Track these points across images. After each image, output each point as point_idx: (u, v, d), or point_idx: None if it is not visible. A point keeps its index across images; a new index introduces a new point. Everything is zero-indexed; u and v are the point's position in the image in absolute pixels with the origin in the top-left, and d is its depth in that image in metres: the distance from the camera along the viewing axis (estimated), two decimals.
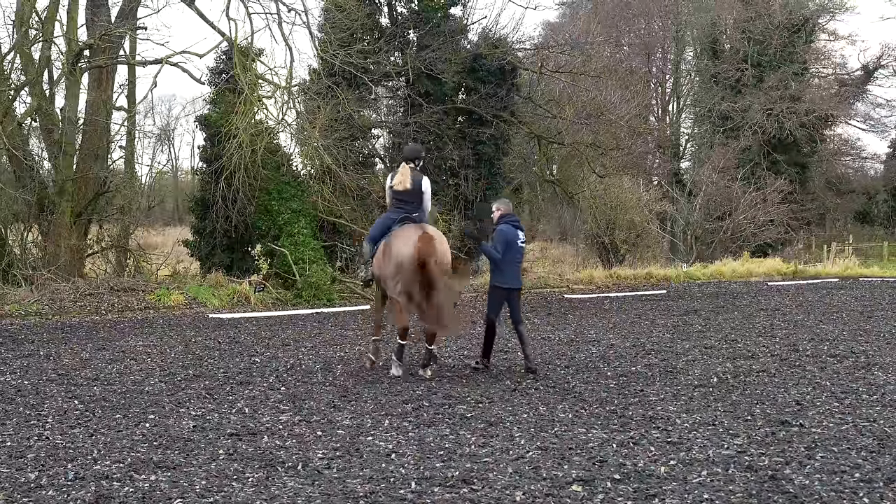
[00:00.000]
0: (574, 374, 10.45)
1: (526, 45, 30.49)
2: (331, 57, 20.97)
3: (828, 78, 49.92)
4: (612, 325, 15.79)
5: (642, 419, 7.92)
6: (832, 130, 47.55)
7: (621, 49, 45.80)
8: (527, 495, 5.72)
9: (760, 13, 42.40)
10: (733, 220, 35.50)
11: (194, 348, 12.76)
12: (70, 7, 20.36)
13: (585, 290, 24.90)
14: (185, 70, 20.64)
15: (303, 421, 7.89)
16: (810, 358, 11.65)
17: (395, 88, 27.80)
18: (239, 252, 21.22)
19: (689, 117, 49.47)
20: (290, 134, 22.45)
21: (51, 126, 20.38)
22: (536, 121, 29.24)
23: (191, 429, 7.60)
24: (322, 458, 6.64)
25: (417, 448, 6.92)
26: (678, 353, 12.17)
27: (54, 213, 19.67)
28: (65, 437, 7.31)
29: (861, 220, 51.61)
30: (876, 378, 10.08)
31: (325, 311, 18.22)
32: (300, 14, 21.75)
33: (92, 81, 21.25)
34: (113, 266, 22.10)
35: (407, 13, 26.42)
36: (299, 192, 21.09)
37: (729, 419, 7.91)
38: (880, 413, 8.17)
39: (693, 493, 5.73)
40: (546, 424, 7.72)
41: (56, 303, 17.46)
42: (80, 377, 10.26)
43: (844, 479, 6.07)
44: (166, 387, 9.65)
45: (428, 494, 5.75)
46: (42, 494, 5.77)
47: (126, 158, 23.99)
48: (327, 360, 11.65)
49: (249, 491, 5.83)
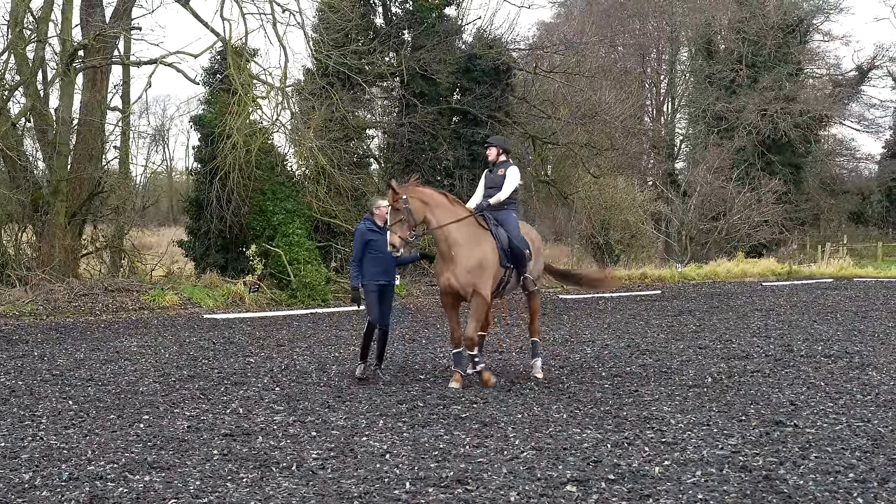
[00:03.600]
0: (569, 374, 10.46)
1: (520, 46, 30.52)
2: (324, 57, 20.97)
3: (822, 78, 50.01)
4: (606, 325, 15.81)
5: (637, 419, 7.92)
6: (826, 131, 47.61)
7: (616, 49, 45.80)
8: (521, 495, 5.72)
9: (755, 14, 42.44)
10: (728, 220, 35.53)
11: (189, 349, 12.74)
12: (64, 7, 20.33)
13: (580, 290, 24.90)
14: (179, 70, 20.66)
15: (297, 421, 7.89)
16: (804, 358, 11.67)
17: (390, 89, 27.81)
18: (233, 252, 21.20)
19: (684, 118, 49.52)
20: (284, 134, 22.45)
21: (45, 126, 20.35)
22: (531, 121, 29.26)
23: (185, 429, 7.59)
24: (316, 458, 6.64)
25: (412, 448, 6.92)
26: (673, 353, 12.18)
27: (49, 214, 19.63)
28: (59, 438, 7.30)
29: (855, 221, 51.68)
30: (870, 378, 10.10)
31: (319, 312, 18.21)
32: (294, 14, 21.84)
33: (86, 82, 21.23)
34: (107, 266, 22.07)
35: (401, 13, 26.42)
36: (294, 193, 21.08)
37: (723, 419, 7.92)
38: (874, 413, 8.18)
39: (687, 494, 5.74)
40: (540, 425, 7.72)
41: (50, 303, 17.43)
42: (75, 378, 10.24)
43: (838, 479, 6.08)
44: (161, 387, 9.64)
45: (422, 495, 5.75)
46: (36, 495, 5.76)
47: (120, 159, 23.96)
48: (322, 360, 11.64)
49: (244, 491, 5.83)
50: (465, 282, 9.43)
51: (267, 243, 20.26)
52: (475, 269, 9.41)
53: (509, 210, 9.89)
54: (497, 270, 9.58)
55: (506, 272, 9.68)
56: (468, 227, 9.55)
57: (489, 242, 9.57)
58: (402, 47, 26.09)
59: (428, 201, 9.53)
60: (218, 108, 20.83)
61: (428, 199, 9.55)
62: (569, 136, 29.46)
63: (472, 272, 9.42)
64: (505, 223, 9.72)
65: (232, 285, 19.68)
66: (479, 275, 9.41)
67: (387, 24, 26.36)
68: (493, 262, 9.52)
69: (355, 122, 23.96)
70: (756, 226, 35.95)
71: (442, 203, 9.61)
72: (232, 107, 19.60)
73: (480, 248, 9.50)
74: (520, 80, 29.13)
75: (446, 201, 9.67)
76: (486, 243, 9.55)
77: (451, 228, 9.45)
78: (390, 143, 27.15)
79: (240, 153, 19.41)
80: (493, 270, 9.51)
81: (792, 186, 40.83)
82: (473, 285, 9.42)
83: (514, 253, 9.65)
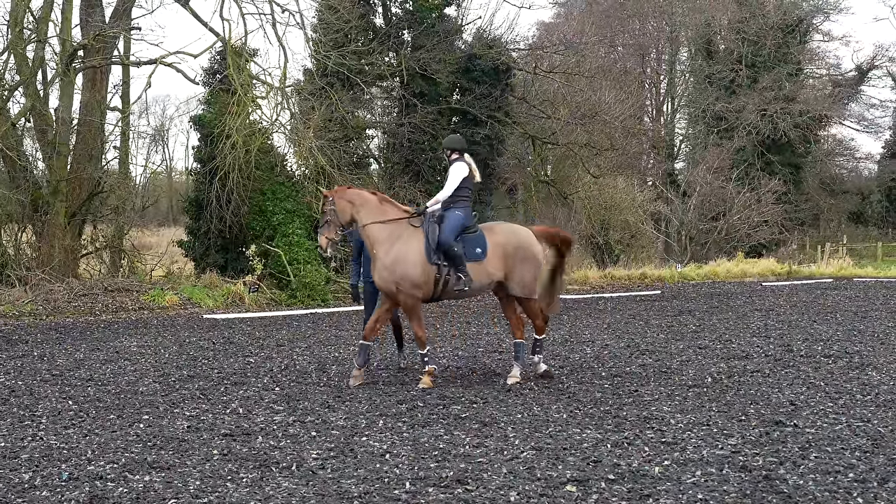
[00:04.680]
0: (568, 374, 10.45)
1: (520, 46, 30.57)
2: (323, 58, 20.98)
3: (822, 78, 50.04)
4: (606, 325, 15.81)
5: (636, 419, 7.92)
6: (826, 131, 47.65)
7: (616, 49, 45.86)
8: (521, 495, 5.72)
9: (755, 14, 42.46)
10: (727, 220, 35.54)
11: (188, 349, 12.75)
12: (64, 7, 20.34)
13: (580, 290, 24.92)
14: (179, 70, 20.68)
15: (297, 421, 7.89)
16: (804, 358, 11.67)
17: (390, 89, 27.83)
18: (233, 252, 21.20)
19: (684, 118, 49.55)
20: (284, 134, 22.46)
21: (45, 126, 20.36)
22: (531, 121, 29.29)
23: (185, 429, 7.59)
24: (316, 458, 6.64)
25: (412, 448, 6.92)
26: (672, 353, 12.18)
27: (48, 214, 19.64)
28: (59, 438, 7.30)
29: (855, 221, 51.72)
30: (870, 378, 10.10)
31: (319, 312, 18.21)
32: (294, 15, 21.81)
33: (86, 82, 21.24)
34: (107, 266, 22.09)
35: (401, 13, 26.44)
36: (293, 193, 21.08)
37: (723, 419, 7.92)
38: (874, 413, 8.18)
39: (687, 494, 5.74)
40: (540, 425, 7.72)
41: (50, 303, 17.43)
42: (75, 378, 10.25)
43: (838, 479, 6.08)
44: (160, 387, 9.64)
45: (422, 495, 5.75)
46: (36, 495, 5.76)
47: (120, 159, 23.99)
48: (322, 360, 11.64)
49: (244, 491, 5.83)
50: (384, 279, 9.54)
51: (267, 243, 20.26)
52: (392, 266, 9.47)
53: (454, 209, 9.77)
54: (426, 268, 9.51)
55: (440, 270, 9.56)
56: (394, 226, 9.63)
57: (416, 240, 9.57)
58: (401, 47, 26.10)
59: (354, 201, 9.74)
60: (218, 108, 20.84)
61: (355, 200, 9.76)
62: (568, 136, 29.50)
63: (388, 269, 9.49)
64: (443, 220, 9.68)
65: (232, 285, 19.68)
66: (397, 272, 9.47)
67: (386, 24, 26.37)
68: (414, 259, 9.50)
69: (355, 122, 23.97)
70: (756, 226, 35.96)
71: (368, 202, 9.76)
72: (231, 107, 19.60)
73: (402, 245, 9.54)
74: (519, 80, 29.16)
75: (374, 201, 9.80)
76: (412, 241, 9.57)
77: (374, 227, 9.59)
78: (390, 143, 27.16)
79: (239, 153, 19.42)
80: (416, 268, 9.49)
81: (791, 186, 40.84)
82: (395, 282, 9.50)
83: (445, 251, 9.53)
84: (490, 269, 9.69)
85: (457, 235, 9.57)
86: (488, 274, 9.69)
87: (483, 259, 9.61)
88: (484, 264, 9.64)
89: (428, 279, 9.53)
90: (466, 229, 9.68)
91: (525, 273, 9.82)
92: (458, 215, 9.70)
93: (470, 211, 9.88)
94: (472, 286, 9.61)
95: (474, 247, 9.62)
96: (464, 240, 9.61)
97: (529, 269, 9.85)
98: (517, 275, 9.78)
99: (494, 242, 9.73)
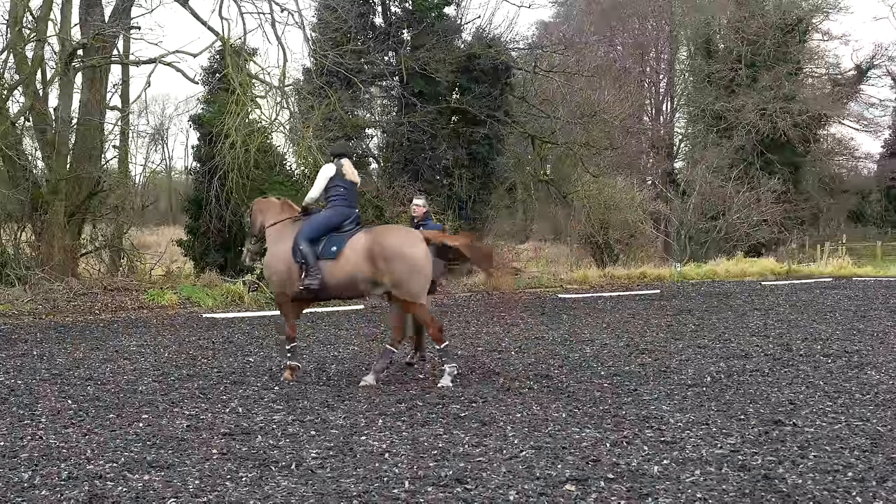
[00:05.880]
0: (568, 373, 10.45)
1: (520, 45, 30.61)
2: (321, 57, 20.97)
3: (821, 78, 50.00)
4: (605, 324, 15.81)
5: (636, 418, 7.93)
6: (825, 130, 47.63)
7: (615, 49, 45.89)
8: (520, 494, 5.73)
9: (754, 13, 42.46)
10: (727, 219, 35.54)
11: (188, 348, 12.75)
12: (64, 6, 20.33)
13: (579, 289, 24.92)
14: (178, 70, 20.66)
15: (296, 420, 7.89)
16: (804, 357, 11.67)
17: (389, 88, 27.84)
18: (233, 251, 21.20)
19: (683, 117, 49.57)
20: (283, 134, 22.46)
21: (44, 125, 20.35)
22: (530, 120, 29.31)
23: (184, 428, 7.59)
24: (316, 457, 6.64)
25: (411, 447, 6.92)
26: (672, 352, 12.18)
27: (48, 213, 19.64)
28: (58, 437, 7.29)
29: (854, 220, 51.71)
30: (869, 377, 10.10)
31: (318, 311, 18.21)
32: (293, 14, 21.75)
33: (85, 81, 21.22)
34: (106, 266, 22.09)
35: (401, 13, 26.45)
36: (293, 192, 21.05)
37: (722, 418, 7.92)
38: (873, 412, 8.18)
39: (686, 493, 5.74)
40: (540, 424, 7.73)
41: (49, 302, 17.43)
42: (74, 377, 10.25)
43: (837, 478, 6.08)
44: (160, 386, 9.64)
45: (421, 494, 5.75)
46: (35, 494, 5.76)
47: (120, 158, 23.99)
48: (321, 359, 11.65)
49: (243, 490, 5.83)
50: (266, 276, 10.36)
51: None
52: (267, 263, 10.16)
53: (324, 210, 9.98)
54: (290, 266, 9.75)
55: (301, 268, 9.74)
56: (283, 228, 10.05)
57: (289, 240, 9.86)
58: (401, 46, 26.12)
59: (263, 209, 10.37)
60: (217, 107, 20.84)
61: (263, 207, 10.40)
62: (568, 135, 29.51)
63: (266, 267, 10.24)
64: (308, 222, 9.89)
65: (231, 284, 19.68)
66: (270, 269, 10.09)
67: (386, 24, 26.38)
68: (281, 258, 9.84)
69: (354, 121, 23.98)
70: (755, 225, 35.96)
71: (271, 208, 10.35)
72: (230, 106, 19.60)
73: (277, 246, 9.96)
74: (519, 79, 29.17)
75: (277, 206, 10.37)
76: (286, 241, 9.88)
77: (270, 230, 10.16)
78: (389, 143, 27.18)
79: (239, 152, 19.42)
80: (283, 267, 9.81)
81: (791, 186, 40.82)
82: (268, 279, 10.27)
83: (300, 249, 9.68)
84: (349, 267, 9.52)
85: (319, 234, 9.70)
86: (347, 273, 9.52)
87: (335, 257, 9.58)
88: (341, 263, 9.53)
89: (291, 277, 9.77)
90: (337, 228, 9.79)
91: (396, 273, 9.41)
92: (324, 215, 9.90)
93: (343, 210, 9.89)
94: (325, 284, 9.62)
95: (331, 246, 9.65)
96: (328, 239, 9.67)
97: (401, 269, 9.40)
98: (387, 275, 9.43)
99: (362, 242, 9.55)
